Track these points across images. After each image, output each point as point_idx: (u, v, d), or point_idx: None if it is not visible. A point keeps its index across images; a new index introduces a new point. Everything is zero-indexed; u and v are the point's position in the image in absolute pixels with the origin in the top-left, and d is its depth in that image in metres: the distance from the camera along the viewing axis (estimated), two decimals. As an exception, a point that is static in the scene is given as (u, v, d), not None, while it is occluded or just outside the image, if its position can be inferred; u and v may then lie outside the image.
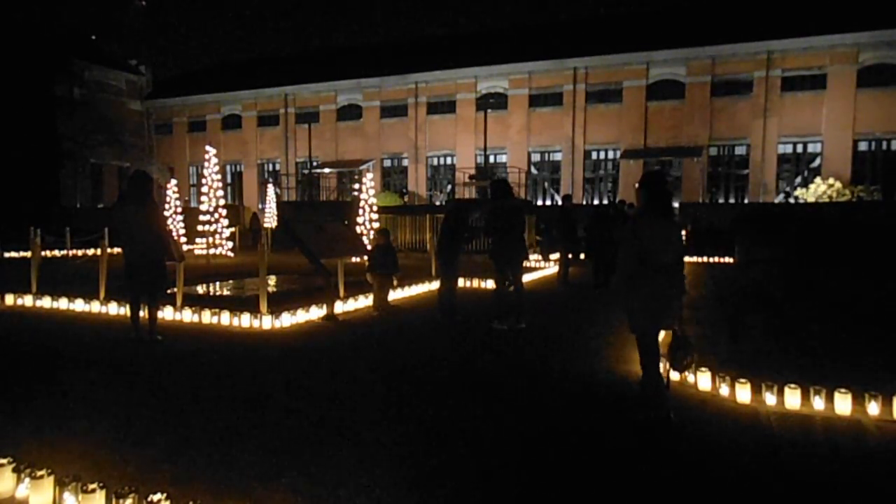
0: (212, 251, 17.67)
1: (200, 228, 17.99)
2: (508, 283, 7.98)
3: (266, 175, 40.88)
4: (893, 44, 26.98)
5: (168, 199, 20.56)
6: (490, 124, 31.58)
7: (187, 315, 8.11)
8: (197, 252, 18.25)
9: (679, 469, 3.63)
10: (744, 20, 30.83)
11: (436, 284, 11.35)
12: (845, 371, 5.75)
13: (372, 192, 16.87)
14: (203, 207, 18.18)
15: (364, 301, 9.47)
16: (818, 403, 4.61)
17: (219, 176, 18.41)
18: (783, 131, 29.42)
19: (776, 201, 29.13)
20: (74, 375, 5.52)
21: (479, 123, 33.13)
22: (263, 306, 7.95)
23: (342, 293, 9.46)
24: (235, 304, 8.62)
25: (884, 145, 28.19)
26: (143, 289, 6.82)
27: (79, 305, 8.89)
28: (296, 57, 47.04)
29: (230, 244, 18.45)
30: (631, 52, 31.29)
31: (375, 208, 17.02)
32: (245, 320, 7.75)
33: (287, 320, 7.87)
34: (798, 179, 29.53)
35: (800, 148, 29.72)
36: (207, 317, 7.99)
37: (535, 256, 18.91)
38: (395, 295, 10.26)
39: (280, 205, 30.28)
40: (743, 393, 4.81)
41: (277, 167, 40.72)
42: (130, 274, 6.73)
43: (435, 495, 3.24)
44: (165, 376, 5.54)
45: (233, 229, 19.86)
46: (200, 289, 11.11)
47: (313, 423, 4.30)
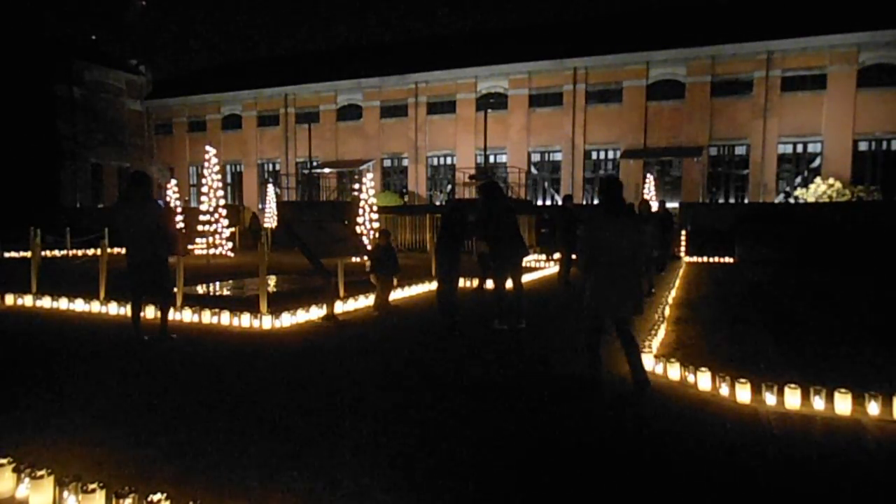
0: (212, 251, 17.67)
1: (200, 228, 17.99)
2: (496, 282, 8.00)
3: (266, 175, 40.89)
4: (893, 44, 26.99)
5: (168, 199, 20.57)
6: (490, 124, 31.59)
7: (187, 315, 8.11)
8: (197, 252, 18.24)
9: (679, 469, 3.63)
10: (744, 20, 30.84)
11: (436, 284, 11.37)
12: (845, 371, 5.75)
13: (372, 192, 16.86)
14: (203, 207, 18.18)
15: (364, 301, 9.47)
16: (818, 403, 4.61)
17: (219, 176, 18.41)
18: (783, 131, 29.42)
19: (776, 201, 29.14)
20: (74, 375, 5.51)
21: (479, 123, 33.14)
22: (263, 306, 7.95)
23: (342, 293, 9.46)
24: (235, 304, 8.62)
25: (884, 145, 28.21)
26: (146, 289, 6.82)
27: (79, 305, 8.89)
28: (296, 57, 47.06)
29: (230, 244, 18.45)
30: (631, 52, 31.31)
31: (375, 208, 17.02)
32: (245, 320, 7.75)
33: (287, 320, 7.86)
34: (798, 179, 29.54)
35: (800, 148, 29.73)
36: (207, 317, 7.99)
37: (535, 256, 18.91)
38: (395, 295, 10.26)
39: (280, 205, 30.28)
40: (743, 393, 4.81)
41: (277, 167, 40.73)
42: (133, 274, 6.72)
43: (435, 495, 3.24)
44: (165, 376, 5.54)
45: (233, 229, 19.86)
46: (200, 289, 11.12)
47: (313, 423, 4.30)
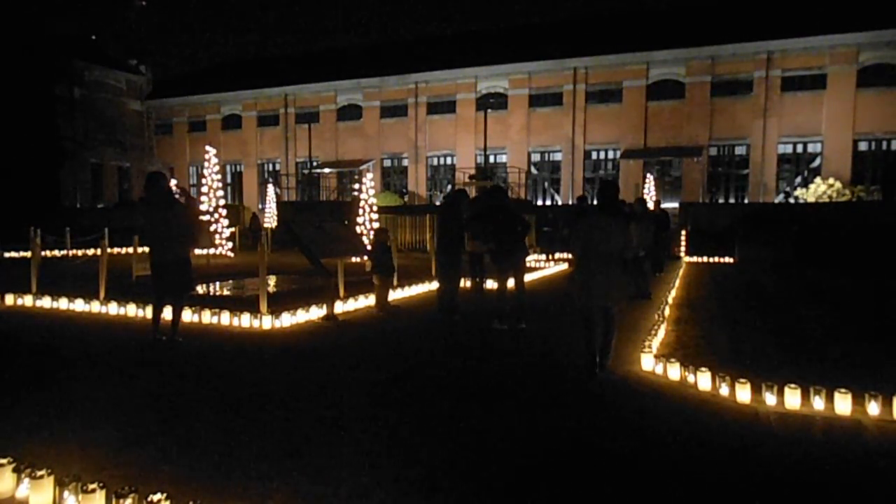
0: (212, 251, 17.66)
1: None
2: (480, 283, 8.02)
3: (266, 175, 40.88)
4: (893, 44, 26.98)
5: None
6: (490, 124, 31.58)
7: (187, 315, 8.10)
8: (197, 252, 18.24)
9: (679, 469, 3.63)
10: (744, 20, 30.83)
11: (436, 284, 11.37)
12: (845, 371, 5.75)
13: (372, 192, 16.85)
14: (203, 207, 18.17)
15: (364, 301, 9.47)
16: (818, 403, 4.61)
17: (219, 176, 18.41)
18: (783, 131, 29.41)
19: (776, 201, 29.13)
20: (74, 375, 5.52)
21: (479, 123, 33.13)
22: (263, 306, 7.95)
23: (342, 293, 9.46)
24: (235, 304, 8.63)
25: (884, 145, 28.19)
26: (169, 290, 6.81)
27: (79, 305, 8.89)
28: (296, 57, 47.03)
29: (230, 244, 18.45)
30: (631, 52, 31.29)
31: (375, 208, 17.01)
32: (245, 320, 7.75)
33: (287, 320, 7.86)
34: (798, 179, 29.53)
35: (800, 148, 29.72)
36: (207, 317, 7.99)
37: (535, 256, 18.91)
38: (395, 295, 10.26)
39: (280, 205, 30.26)
40: (743, 393, 4.81)
41: (277, 167, 40.73)
42: (157, 275, 6.72)
43: (435, 495, 3.24)
44: (165, 376, 5.54)
45: (233, 229, 19.85)
46: (200, 289, 11.13)
47: (313, 423, 4.30)
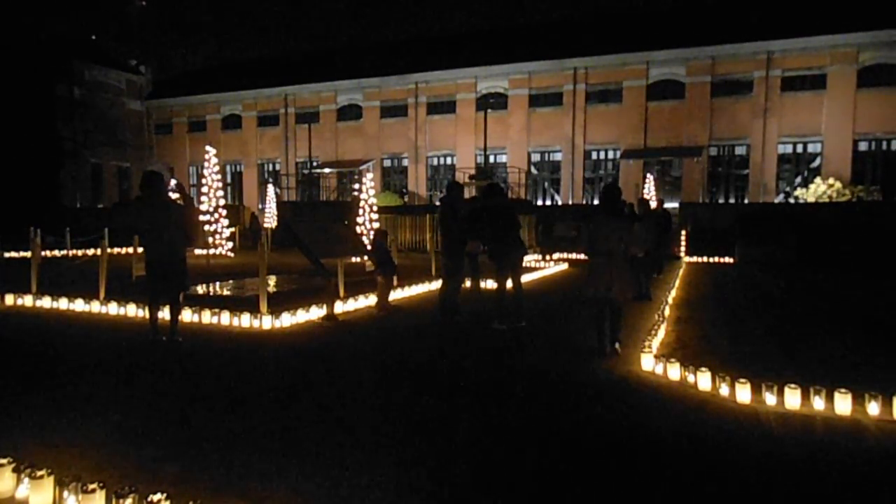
0: (212, 251, 17.67)
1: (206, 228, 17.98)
2: (497, 282, 8.01)
3: (266, 175, 40.89)
4: (893, 44, 26.98)
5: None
6: (490, 124, 31.58)
7: (187, 315, 8.10)
8: (197, 252, 18.25)
9: (679, 469, 3.63)
10: (744, 20, 30.82)
11: (436, 284, 11.36)
12: (845, 371, 5.75)
13: (372, 192, 16.86)
14: (203, 207, 18.18)
15: (364, 301, 9.47)
16: (818, 403, 4.61)
17: (219, 176, 18.41)
18: (783, 131, 29.41)
19: (776, 201, 29.13)
20: (74, 375, 5.51)
21: (479, 123, 33.13)
22: (263, 306, 7.95)
23: (342, 293, 9.46)
24: (235, 304, 8.62)
25: (884, 145, 28.19)
26: (164, 289, 6.79)
27: (79, 305, 8.89)
28: (296, 57, 47.04)
29: (230, 244, 18.45)
30: (631, 52, 31.29)
31: (375, 208, 17.02)
32: (245, 320, 7.75)
33: (287, 320, 7.86)
34: (798, 179, 29.53)
35: (800, 148, 29.72)
36: (207, 317, 7.99)
37: (536, 256, 18.92)
38: (396, 295, 10.26)
39: (280, 205, 30.27)
40: (743, 393, 4.81)
41: (277, 167, 40.73)
42: (152, 274, 6.71)
43: (435, 495, 3.24)
44: (165, 376, 5.54)
45: (233, 229, 19.86)
46: (200, 289, 11.12)
47: (313, 423, 4.30)
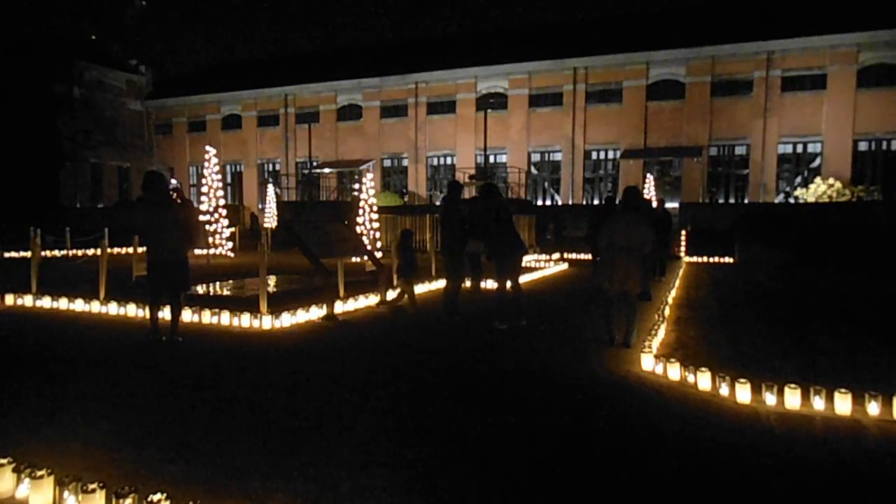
0: (212, 251, 17.66)
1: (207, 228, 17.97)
2: (498, 282, 8.04)
3: (266, 175, 40.89)
4: (893, 44, 26.98)
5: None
6: (490, 124, 31.58)
7: (187, 315, 8.09)
8: (197, 252, 18.25)
9: (679, 469, 3.63)
10: (744, 20, 30.84)
11: (436, 284, 11.36)
12: (845, 371, 5.75)
13: (372, 192, 16.86)
14: (203, 207, 18.18)
15: (364, 301, 9.47)
16: (818, 403, 4.61)
17: (219, 176, 18.40)
18: (783, 131, 29.42)
19: (776, 201, 29.13)
20: (74, 375, 5.51)
21: (479, 123, 33.14)
22: (263, 306, 7.95)
23: (342, 293, 9.46)
24: (235, 304, 8.62)
25: (884, 145, 28.20)
26: (165, 289, 6.79)
27: (79, 305, 8.89)
28: (296, 57, 47.06)
29: (230, 244, 18.44)
30: (631, 52, 31.30)
31: (375, 208, 17.01)
32: (245, 320, 7.75)
33: (287, 320, 7.86)
34: (798, 179, 29.54)
35: (800, 148, 29.73)
36: (207, 317, 7.99)
37: (535, 256, 18.91)
38: (395, 294, 10.25)
39: (280, 205, 30.26)
40: (743, 393, 4.81)
41: (277, 167, 40.73)
42: (153, 274, 6.71)
43: (435, 495, 3.24)
44: (165, 376, 5.53)
45: (233, 229, 19.85)
46: (200, 289, 11.12)
47: (313, 423, 4.30)
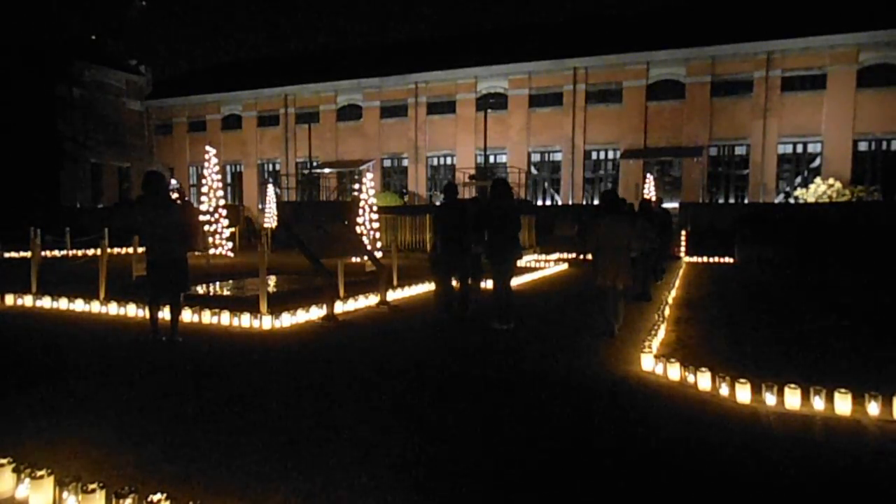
0: (212, 251, 17.67)
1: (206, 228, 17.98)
2: (496, 282, 8.04)
3: (266, 175, 40.88)
4: (893, 44, 26.96)
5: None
6: (490, 124, 31.57)
7: (187, 315, 8.09)
8: (197, 252, 18.25)
9: (679, 469, 3.63)
10: (744, 20, 30.82)
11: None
12: (845, 371, 5.75)
13: (372, 192, 16.87)
14: (203, 207, 18.18)
15: (364, 301, 9.47)
16: (818, 403, 4.61)
17: (219, 176, 18.40)
18: (783, 131, 29.41)
19: (776, 201, 29.13)
20: (74, 376, 5.52)
21: (479, 123, 33.12)
22: (263, 306, 7.95)
23: (342, 293, 9.46)
24: (235, 304, 8.62)
25: (884, 145, 28.18)
26: (164, 289, 6.78)
27: (79, 305, 8.89)
28: (296, 57, 47.03)
29: (230, 244, 18.45)
30: (631, 52, 31.28)
31: (375, 208, 17.02)
32: (245, 320, 7.75)
33: (287, 320, 7.86)
34: (798, 179, 29.52)
35: (800, 148, 29.71)
36: (207, 317, 7.99)
37: (535, 256, 18.92)
38: (395, 295, 10.26)
39: (280, 205, 30.25)
40: (743, 393, 4.81)
41: (277, 167, 40.72)
42: (153, 274, 6.70)
43: (435, 495, 3.24)
44: (165, 376, 5.54)
45: (233, 229, 19.86)
46: (200, 289, 11.12)
47: (313, 423, 4.30)
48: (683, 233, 20.41)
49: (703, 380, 5.14)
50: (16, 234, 17.78)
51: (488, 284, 10.20)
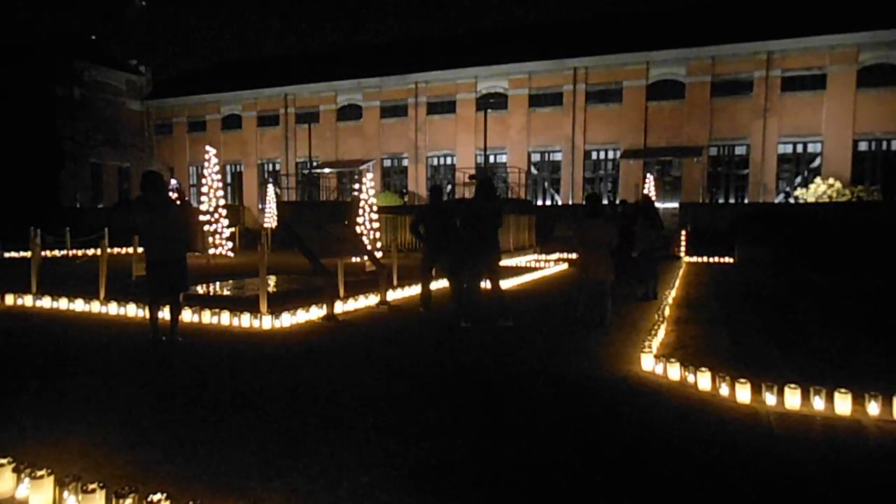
0: (212, 251, 17.67)
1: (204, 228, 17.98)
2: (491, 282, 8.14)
3: (266, 175, 40.88)
4: (893, 44, 26.97)
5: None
6: (490, 124, 31.57)
7: (187, 315, 8.09)
8: (197, 253, 18.24)
9: (679, 469, 3.63)
10: (744, 20, 30.83)
11: (436, 285, 11.36)
12: (845, 371, 5.75)
13: (372, 192, 16.86)
14: (203, 207, 18.18)
15: (364, 301, 9.47)
16: (818, 403, 4.61)
17: (219, 176, 18.41)
18: (783, 131, 29.41)
19: (776, 201, 29.13)
20: (74, 376, 5.51)
21: (479, 123, 33.12)
22: (263, 306, 7.95)
23: (342, 293, 9.46)
24: (235, 304, 8.62)
25: (884, 145, 28.18)
26: (164, 289, 6.78)
27: (79, 305, 8.89)
28: (296, 57, 47.05)
29: (230, 244, 18.45)
30: (631, 52, 31.29)
31: (375, 208, 17.01)
32: (245, 320, 7.75)
33: (287, 320, 7.86)
34: (798, 179, 29.53)
35: (800, 148, 29.72)
36: (207, 317, 7.99)
37: (535, 256, 18.92)
38: (395, 295, 10.26)
39: (280, 205, 30.25)
40: (743, 393, 4.81)
41: (277, 167, 40.72)
42: (152, 274, 6.70)
43: (435, 495, 3.24)
44: (165, 376, 5.54)
45: (233, 229, 19.85)
46: (200, 289, 11.12)
47: (313, 423, 4.30)
48: (683, 233, 20.41)
49: (703, 380, 5.13)
50: (16, 234, 17.78)
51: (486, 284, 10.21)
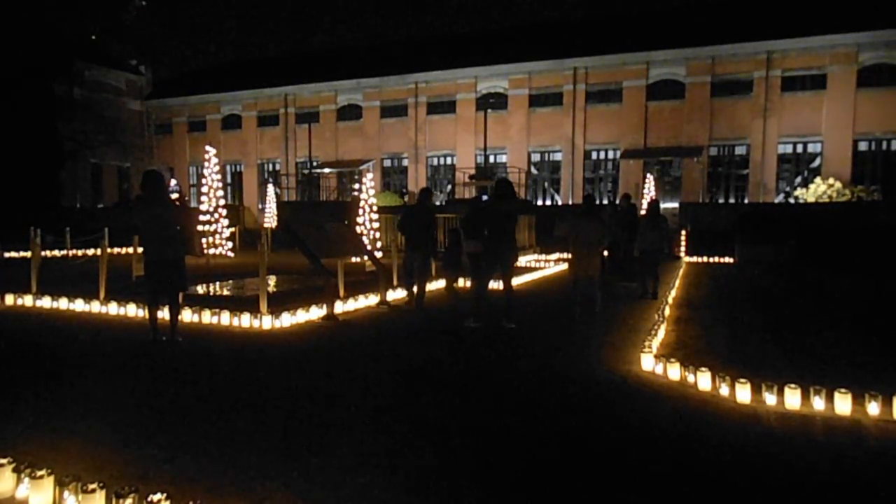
0: (212, 251, 17.66)
1: (200, 228, 17.97)
2: (485, 281, 8.23)
3: (266, 175, 40.88)
4: (893, 44, 26.97)
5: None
6: (490, 124, 31.56)
7: (187, 315, 8.10)
8: (196, 255, 18.23)
9: (679, 469, 3.63)
10: (744, 20, 30.82)
11: (436, 285, 11.36)
12: (845, 371, 5.75)
13: (372, 192, 16.85)
14: (203, 207, 18.17)
15: (364, 301, 9.47)
16: (818, 403, 4.61)
17: (219, 176, 18.39)
18: (783, 131, 29.41)
19: (776, 201, 29.12)
20: (74, 375, 5.52)
21: (479, 123, 33.12)
22: (263, 306, 7.95)
23: (342, 293, 9.46)
24: (235, 304, 8.62)
25: (884, 145, 28.18)
26: (163, 289, 6.79)
27: (79, 305, 8.89)
28: (296, 57, 47.03)
29: (230, 244, 18.44)
30: (631, 52, 31.28)
31: (375, 208, 17.01)
32: (245, 320, 7.75)
33: (287, 320, 7.86)
34: (798, 179, 29.52)
35: (800, 148, 29.71)
36: (207, 317, 7.99)
37: (535, 256, 18.92)
38: (395, 295, 10.26)
39: (280, 205, 30.24)
40: (743, 393, 4.81)
41: (277, 167, 40.72)
42: (152, 274, 6.70)
43: (435, 495, 3.24)
44: (165, 376, 5.54)
45: (233, 229, 19.84)
46: (200, 289, 11.12)
47: (313, 424, 4.30)
48: (683, 233, 20.41)
49: (703, 380, 5.14)
50: (16, 234, 17.76)
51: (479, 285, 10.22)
